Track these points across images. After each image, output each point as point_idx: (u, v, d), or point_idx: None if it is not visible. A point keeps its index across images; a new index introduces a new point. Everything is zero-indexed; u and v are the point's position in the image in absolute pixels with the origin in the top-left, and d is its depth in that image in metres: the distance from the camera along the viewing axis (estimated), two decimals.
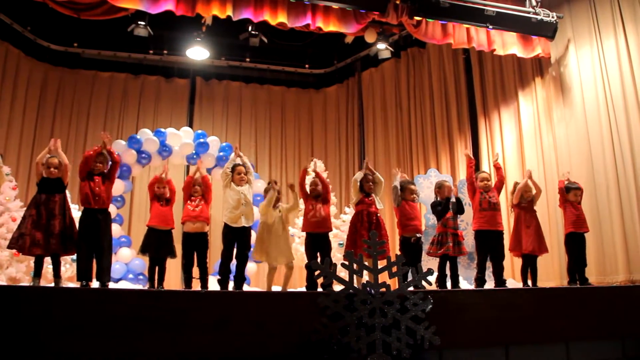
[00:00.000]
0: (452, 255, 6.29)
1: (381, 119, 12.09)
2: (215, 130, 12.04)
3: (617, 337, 5.45)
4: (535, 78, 9.34)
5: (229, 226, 5.88)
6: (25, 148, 10.91)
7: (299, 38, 11.57)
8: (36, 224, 5.37)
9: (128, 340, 4.38)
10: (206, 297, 4.90)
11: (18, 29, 10.82)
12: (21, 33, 10.95)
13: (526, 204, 6.63)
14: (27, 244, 5.33)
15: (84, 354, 4.32)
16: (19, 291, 4.86)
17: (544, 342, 5.17)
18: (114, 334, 4.38)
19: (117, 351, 4.36)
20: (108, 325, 4.40)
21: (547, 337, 5.19)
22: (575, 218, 6.57)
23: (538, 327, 5.17)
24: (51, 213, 5.44)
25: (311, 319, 4.47)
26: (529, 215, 6.60)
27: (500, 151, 9.65)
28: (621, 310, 5.51)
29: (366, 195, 6.30)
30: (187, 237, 5.99)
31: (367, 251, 4.83)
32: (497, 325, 5.09)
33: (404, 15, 8.05)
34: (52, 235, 5.38)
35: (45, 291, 4.98)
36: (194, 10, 7.60)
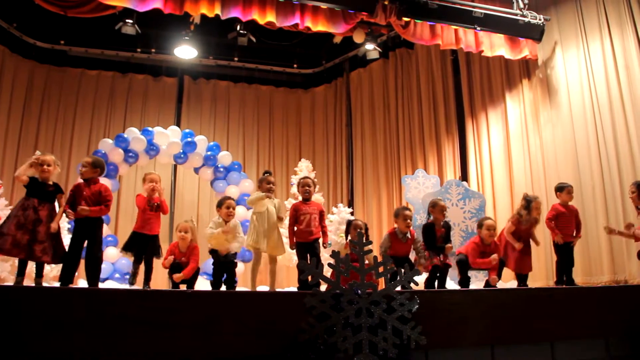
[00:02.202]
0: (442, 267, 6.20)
1: (369, 119, 12.12)
2: (203, 129, 12.03)
3: (602, 336, 5.49)
4: (523, 80, 9.41)
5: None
6: (10, 146, 10.81)
7: (288, 38, 11.58)
8: (21, 226, 5.27)
9: (114, 340, 4.36)
10: (193, 297, 4.88)
11: (3, 25, 10.72)
12: (7, 30, 10.85)
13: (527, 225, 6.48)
14: (8, 245, 5.22)
15: (70, 354, 4.29)
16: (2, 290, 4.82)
17: (529, 342, 5.19)
18: (100, 333, 4.35)
19: (103, 351, 4.33)
20: (94, 325, 4.37)
21: (533, 337, 5.21)
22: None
23: (524, 327, 5.19)
24: (38, 219, 5.34)
25: (298, 319, 4.47)
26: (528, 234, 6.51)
27: (487, 152, 9.72)
28: (606, 310, 5.54)
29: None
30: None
31: (354, 251, 4.84)
32: (483, 325, 5.11)
33: (393, 15, 8.08)
34: (36, 242, 5.28)
35: (31, 291, 4.94)
36: (182, 8, 7.57)
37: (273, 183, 6.38)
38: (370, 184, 11.64)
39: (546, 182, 8.50)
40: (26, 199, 5.38)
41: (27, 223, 5.25)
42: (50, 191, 5.51)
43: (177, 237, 6.06)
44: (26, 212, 5.30)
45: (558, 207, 6.57)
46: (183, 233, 5.97)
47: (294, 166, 11.34)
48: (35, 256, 5.28)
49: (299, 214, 6.18)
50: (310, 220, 6.10)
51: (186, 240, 5.97)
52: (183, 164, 10.47)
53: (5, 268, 8.06)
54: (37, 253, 5.25)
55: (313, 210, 6.19)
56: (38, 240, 5.26)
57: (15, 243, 5.18)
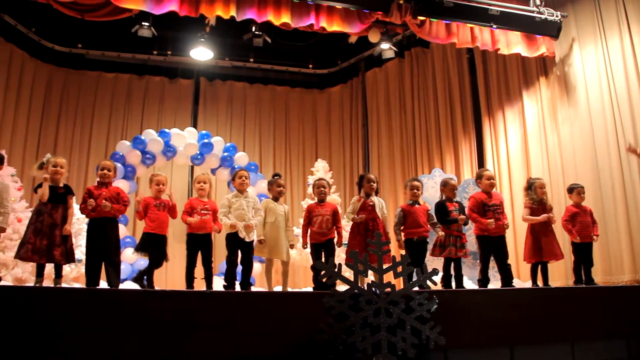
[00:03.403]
0: (455, 258, 6.26)
1: (385, 119, 12.09)
2: (219, 130, 12.08)
3: (623, 337, 5.43)
4: (540, 77, 9.32)
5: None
6: (30, 148, 10.95)
7: (303, 38, 11.58)
8: (38, 232, 5.38)
9: (134, 340, 4.39)
10: (211, 298, 4.90)
11: (22, 30, 10.86)
12: (26, 34, 10.99)
13: (538, 206, 6.55)
14: (29, 253, 5.33)
15: (90, 354, 4.33)
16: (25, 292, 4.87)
17: (549, 342, 5.15)
18: (119, 333, 4.39)
19: (122, 351, 4.36)
20: (114, 325, 4.41)
21: (553, 337, 5.17)
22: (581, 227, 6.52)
23: (543, 327, 5.15)
24: (54, 223, 5.44)
25: (316, 319, 4.47)
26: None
27: (504, 151, 9.65)
28: (626, 310, 5.49)
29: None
30: (192, 238, 6.02)
31: (372, 251, 4.83)
32: (502, 325, 5.08)
33: (408, 15, 8.05)
34: (54, 246, 5.39)
35: (52, 292, 4.99)
36: (197, 10, 7.60)
37: (283, 186, 6.51)
38: (387, 184, 11.61)
39: (564, 180, 8.40)
40: (40, 204, 5.49)
41: (43, 228, 5.37)
42: (61, 193, 5.61)
43: (195, 189, 6.23)
44: (41, 217, 5.41)
45: (571, 208, 6.65)
46: (202, 184, 6.15)
47: (310, 166, 11.35)
48: (56, 259, 5.40)
49: (312, 215, 6.28)
50: (322, 222, 6.17)
51: (205, 190, 6.13)
52: (200, 165, 10.52)
53: (26, 269, 8.15)
54: (57, 257, 5.39)
55: (326, 211, 6.27)
56: (56, 244, 5.40)
57: (35, 250, 5.32)
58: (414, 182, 6.53)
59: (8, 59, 10.56)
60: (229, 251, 5.95)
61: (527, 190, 6.64)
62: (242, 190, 6.11)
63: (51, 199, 5.51)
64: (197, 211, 6.01)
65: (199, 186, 6.18)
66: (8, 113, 10.51)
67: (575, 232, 6.43)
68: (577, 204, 6.67)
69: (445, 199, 6.48)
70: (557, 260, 6.58)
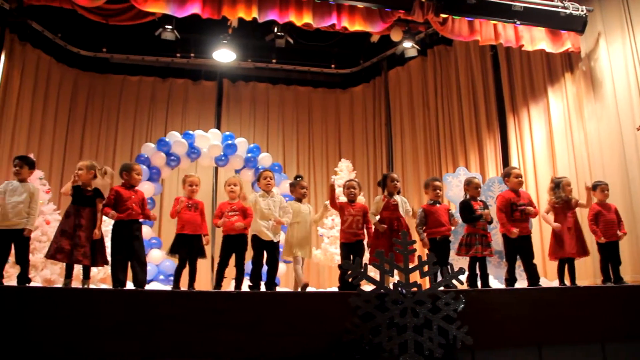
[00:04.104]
0: (481, 257, 6.23)
1: (408, 118, 12.03)
2: (243, 131, 12.14)
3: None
4: (565, 73, 9.19)
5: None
6: (57, 151, 11.15)
7: (325, 38, 11.58)
8: (64, 232, 5.50)
9: (161, 340, 4.43)
10: (238, 298, 4.93)
11: (49, 36, 11.04)
12: (52, 40, 11.17)
13: (562, 204, 6.50)
14: (52, 251, 5.49)
15: (117, 354, 4.38)
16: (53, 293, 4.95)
17: (578, 342, 5.08)
18: (146, 334, 4.44)
19: (149, 351, 4.41)
20: (141, 326, 4.45)
21: (582, 337, 5.10)
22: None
23: (572, 327, 5.09)
24: (78, 224, 5.56)
25: (342, 319, 4.47)
26: (565, 215, 6.44)
27: (529, 149, 9.54)
28: None
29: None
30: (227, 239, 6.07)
31: (398, 251, 4.81)
32: (530, 324, 5.03)
33: (430, 12, 8.00)
34: (77, 247, 5.49)
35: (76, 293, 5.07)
36: (220, 13, 7.65)
37: (306, 187, 6.60)
38: (411, 183, 11.56)
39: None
40: (69, 205, 5.64)
41: (68, 229, 5.49)
42: (89, 196, 5.73)
43: (226, 191, 6.26)
44: (68, 219, 5.54)
45: (595, 206, 6.60)
46: (232, 186, 6.18)
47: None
48: (77, 260, 5.51)
49: (345, 211, 6.32)
50: (353, 222, 6.20)
51: (236, 192, 6.15)
52: (224, 167, 10.58)
53: (55, 270, 8.30)
54: (78, 257, 5.52)
55: (357, 212, 6.32)
56: (79, 245, 5.51)
57: (59, 249, 5.46)
58: (436, 182, 6.56)
59: (35, 65, 10.76)
60: (255, 252, 5.99)
61: (554, 189, 6.57)
62: (268, 190, 6.16)
63: (78, 201, 5.64)
64: (225, 214, 6.06)
65: (229, 189, 6.22)
66: (36, 117, 10.70)
67: (599, 232, 6.37)
68: (600, 201, 6.62)
69: (470, 197, 6.50)
70: (579, 258, 6.48)
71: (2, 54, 9.67)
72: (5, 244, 5.53)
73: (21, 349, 4.36)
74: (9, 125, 9.94)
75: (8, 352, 4.34)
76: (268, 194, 6.16)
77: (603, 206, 6.56)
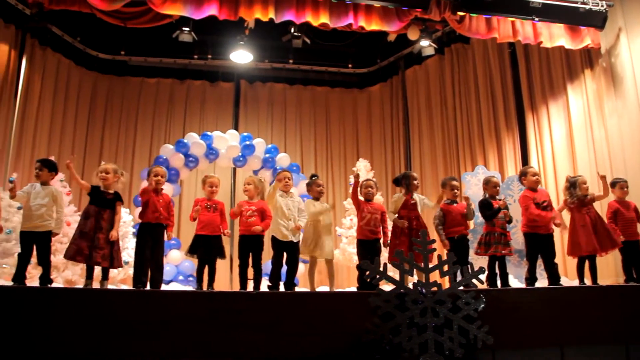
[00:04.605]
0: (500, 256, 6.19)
1: (426, 117, 11.97)
2: (260, 132, 12.18)
3: None
4: (585, 70, 9.08)
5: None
6: (77, 153, 11.23)
7: (342, 38, 11.57)
8: (83, 234, 5.55)
9: (181, 340, 4.46)
10: (257, 298, 4.94)
11: (68, 39, 11.18)
12: (71, 44, 11.32)
13: (577, 203, 6.43)
14: (72, 252, 5.53)
15: (138, 354, 4.42)
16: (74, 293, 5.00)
17: (601, 343, 5.02)
18: (167, 334, 4.47)
19: (170, 350, 4.44)
20: (162, 326, 4.49)
21: (605, 337, 5.04)
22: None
23: (595, 327, 5.03)
24: (98, 226, 5.61)
25: (362, 319, 4.46)
26: (580, 213, 6.37)
27: (549, 147, 9.44)
28: None
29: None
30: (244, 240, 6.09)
31: (418, 250, 4.79)
32: (552, 324, 4.98)
33: (447, 11, 7.96)
34: (96, 249, 5.55)
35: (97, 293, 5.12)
36: (236, 14, 7.68)
37: (322, 186, 6.63)
38: (429, 182, 11.50)
39: (612, 175, 8.13)
40: (87, 206, 5.68)
41: (88, 231, 5.54)
42: (110, 199, 5.79)
43: (242, 190, 6.32)
44: (87, 220, 5.59)
45: (613, 204, 6.54)
46: (245, 185, 6.25)
47: (352, 166, 11.33)
48: (96, 261, 5.57)
49: (363, 208, 6.33)
50: (371, 219, 6.21)
51: (250, 191, 6.19)
52: (242, 167, 10.61)
53: (76, 271, 8.38)
54: (97, 259, 5.56)
55: (376, 210, 6.36)
56: (98, 247, 5.56)
57: (78, 250, 5.51)
58: (453, 181, 6.58)
59: (55, 68, 10.91)
60: (274, 252, 6.01)
61: (570, 189, 6.50)
62: (286, 191, 6.18)
63: (98, 203, 5.69)
64: (243, 214, 6.09)
65: (243, 188, 6.29)
66: (56, 120, 10.85)
67: (619, 232, 6.31)
68: (619, 199, 6.56)
69: (489, 196, 6.46)
70: (603, 253, 6.39)
71: (23, 58, 9.82)
72: (28, 245, 5.62)
73: (43, 348, 4.42)
74: (30, 128, 10.09)
75: (31, 351, 4.40)
76: (287, 194, 6.18)
77: (622, 204, 6.48)
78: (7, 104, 9.51)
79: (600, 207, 7.37)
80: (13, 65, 9.72)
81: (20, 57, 9.83)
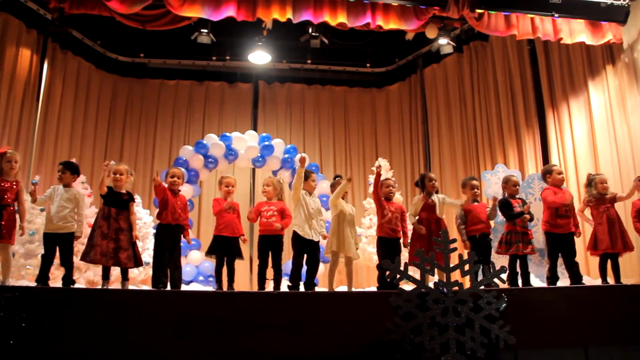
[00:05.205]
0: (522, 255, 6.15)
1: (445, 115, 11.90)
2: (279, 132, 12.18)
3: None
4: (606, 66, 8.96)
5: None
6: (98, 157, 11.38)
7: (360, 37, 11.53)
8: (105, 236, 5.60)
9: (202, 340, 4.48)
10: (278, 298, 4.95)
11: (89, 43, 11.30)
12: (92, 47, 11.43)
13: (594, 201, 6.37)
14: (97, 255, 5.57)
15: (159, 353, 4.45)
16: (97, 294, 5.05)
17: (627, 343, 4.95)
18: (188, 334, 4.49)
19: (191, 350, 4.46)
20: (183, 326, 4.51)
21: (631, 337, 4.97)
22: None
23: (620, 327, 4.96)
24: (119, 227, 5.67)
25: (383, 319, 4.45)
26: (598, 211, 6.34)
27: (570, 144, 9.33)
28: None
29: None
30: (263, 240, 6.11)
31: (439, 250, 4.77)
32: (575, 324, 4.93)
33: (465, 8, 7.91)
34: (121, 250, 5.61)
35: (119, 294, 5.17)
36: (254, 15, 7.70)
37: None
38: (449, 181, 11.44)
39: (635, 172, 8.04)
40: (104, 208, 5.72)
41: (110, 232, 5.60)
42: (125, 199, 5.86)
43: (261, 190, 6.44)
44: (108, 221, 5.64)
45: (637, 202, 6.45)
46: (264, 187, 6.33)
47: (371, 165, 11.27)
48: (122, 263, 5.65)
49: (385, 205, 6.35)
50: (392, 219, 6.21)
51: (268, 192, 6.26)
52: (261, 168, 10.64)
53: (97, 273, 8.45)
54: (123, 260, 5.62)
55: (396, 209, 6.39)
56: (122, 248, 5.63)
57: (103, 252, 5.56)
58: (473, 181, 6.61)
59: (76, 72, 11.04)
60: (295, 252, 6.02)
61: (587, 187, 6.52)
62: (311, 191, 6.24)
63: (116, 204, 5.75)
64: (262, 214, 6.12)
65: (262, 189, 6.33)
66: (77, 123, 10.98)
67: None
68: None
69: (508, 195, 6.43)
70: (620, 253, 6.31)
71: (45, 63, 9.96)
72: (51, 247, 5.70)
73: (66, 347, 4.47)
74: (52, 131, 10.23)
75: (54, 351, 4.45)
76: (310, 194, 6.23)
77: None
78: (29, 108, 9.65)
79: (622, 206, 7.28)
80: (35, 69, 9.86)
81: (42, 61, 9.97)
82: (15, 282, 7.02)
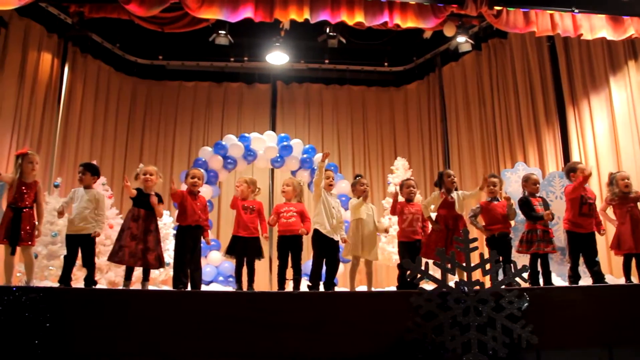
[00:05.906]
0: (543, 253, 6.08)
1: (464, 114, 11.82)
2: (297, 132, 12.20)
3: None
4: (628, 61, 8.85)
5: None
6: (118, 158, 11.51)
7: (377, 36, 11.48)
8: (134, 237, 5.66)
9: (223, 340, 4.51)
10: (298, 299, 4.96)
11: (108, 46, 11.40)
12: (111, 50, 11.54)
13: (617, 200, 6.29)
14: (126, 257, 5.63)
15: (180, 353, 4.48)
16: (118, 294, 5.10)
17: None
18: (209, 334, 4.51)
19: (212, 350, 4.49)
20: (204, 326, 4.54)
21: None
22: None
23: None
24: (147, 229, 5.73)
25: (403, 319, 4.43)
26: (622, 210, 6.27)
27: (591, 141, 9.22)
28: None
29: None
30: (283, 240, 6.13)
31: (459, 249, 4.74)
32: (599, 324, 4.86)
33: (484, 5, 7.87)
34: (149, 251, 5.66)
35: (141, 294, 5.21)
36: (272, 15, 7.72)
37: (366, 184, 6.60)
38: (468, 179, 11.36)
39: None
40: (134, 209, 5.77)
41: (139, 233, 5.66)
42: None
43: (280, 191, 6.46)
44: (137, 222, 5.70)
45: None
46: (284, 186, 6.38)
47: (389, 165, 11.26)
48: (150, 264, 5.70)
49: (404, 209, 6.40)
50: (413, 220, 6.22)
51: (288, 193, 6.29)
52: (280, 168, 10.66)
53: (119, 273, 8.54)
54: (151, 261, 5.68)
55: (416, 210, 6.40)
56: (150, 249, 5.67)
57: (132, 254, 5.63)
58: (491, 178, 6.54)
59: (96, 75, 11.17)
60: (315, 252, 6.03)
61: (609, 185, 6.45)
62: (330, 190, 6.25)
63: (146, 206, 5.81)
64: (282, 215, 6.13)
65: (282, 189, 6.38)
66: (97, 125, 11.10)
67: None
68: None
69: (529, 194, 6.35)
70: None
71: (65, 66, 10.08)
72: (73, 248, 5.77)
73: (88, 348, 4.51)
74: (73, 133, 10.36)
75: (76, 351, 4.50)
76: (330, 194, 6.25)
77: None
78: (51, 111, 9.79)
79: None
80: (56, 73, 10.01)
81: (62, 65, 10.09)
82: (38, 283, 7.12)
